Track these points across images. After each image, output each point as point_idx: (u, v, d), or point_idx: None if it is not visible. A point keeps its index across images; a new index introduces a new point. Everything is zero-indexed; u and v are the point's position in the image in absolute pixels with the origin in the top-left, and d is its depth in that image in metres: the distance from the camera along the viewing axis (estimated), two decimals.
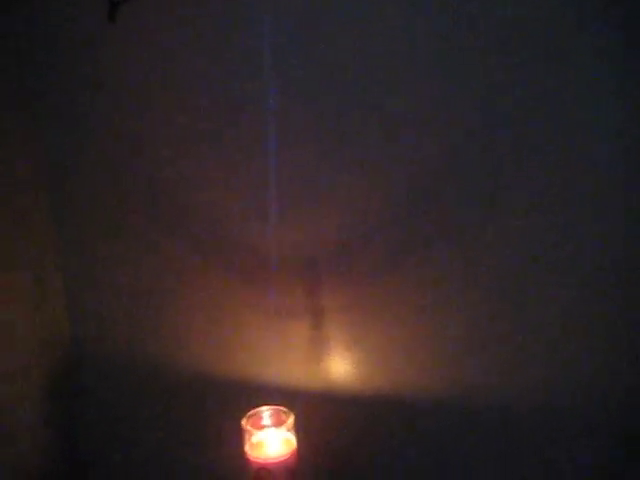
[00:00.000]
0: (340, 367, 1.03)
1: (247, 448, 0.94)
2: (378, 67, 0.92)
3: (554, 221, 0.90)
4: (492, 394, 0.97)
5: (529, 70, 0.86)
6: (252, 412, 0.97)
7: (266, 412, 0.97)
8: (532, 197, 0.90)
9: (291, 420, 0.95)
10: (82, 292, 1.16)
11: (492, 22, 0.86)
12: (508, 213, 0.91)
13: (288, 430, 0.95)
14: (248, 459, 0.94)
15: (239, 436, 0.95)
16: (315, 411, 1.03)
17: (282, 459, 0.93)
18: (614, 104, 0.85)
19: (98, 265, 1.14)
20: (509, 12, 0.85)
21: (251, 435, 0.95)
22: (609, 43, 0.83)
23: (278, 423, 0.96)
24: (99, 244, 1.13)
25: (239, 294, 1.06)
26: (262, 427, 0.96)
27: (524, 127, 0.88)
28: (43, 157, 1.11)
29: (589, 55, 0.84)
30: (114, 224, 1.11)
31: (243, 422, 0.95)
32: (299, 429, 0.95)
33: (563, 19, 0.84)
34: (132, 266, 1.12)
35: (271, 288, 1.03)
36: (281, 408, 0.97)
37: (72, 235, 1.14)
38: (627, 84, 0.84)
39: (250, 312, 1.06)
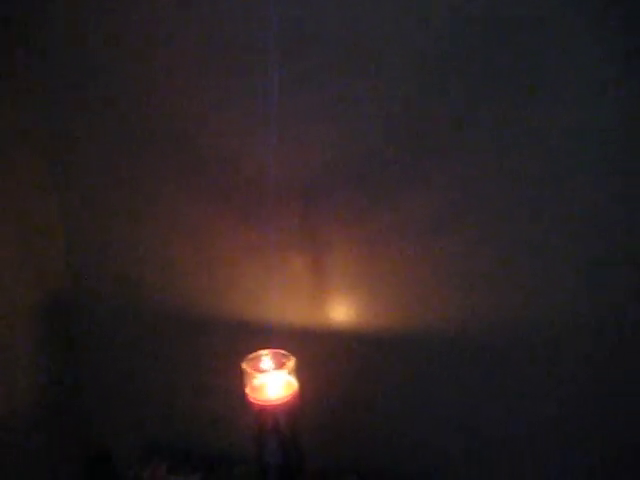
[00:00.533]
0: (341, 305, 1.04)
1: (248, 390, 0.96)
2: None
3: (552, 158, 0.88)
4: (490, 328, 0.98)
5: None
6: (252, 355, 0.97)
7: (266, 356, 0.98)
8: (528, 137, 0.89)
9: (292, 363, 0.96)
10: (78, 230, 1.16)
11: None
12: (507, 146, 0.90)
13: (289, 373, 0.96)
14: (250, 401, 0.95)
15: (241, 378, 0.96)
16: (316, 351, 1.04)
17: (283, 401, 0.94)
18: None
19: (96, 204, 1.13)
20: None
21: (252, 378, 0.96)
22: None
23: (279, 366, 0.97)
24: (96, 183, 1.12)
25: (239, 235, 1.05)
26: (263, 370, 0.97)
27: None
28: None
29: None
30: (110, 161, 1.10)
31: (244, 365, 0.96)
32: (301, 370, 0.96)
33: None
34: (126, 205, 1.11)
35: (271, 226, 1.02)
36: (281, 351, 0.98)
37: (70, 174, 1.13)
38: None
39: (250, 252, 1.05)
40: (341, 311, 1.04)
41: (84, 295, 1.20)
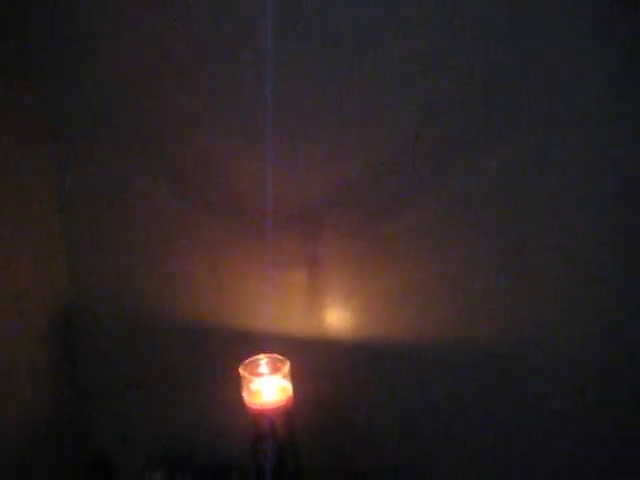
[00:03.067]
0: (336, 315, 1.05)
1: (245, 395, 0.97)
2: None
3: (551, 156, 0.90)
4: (484, 337, 0.98)
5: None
6: (249, 360, 0.99)
7: (263, 360, 0.99)
8: (527, 134, 0.90)
9: (287, 367, 0.97)
10: (81, 242, 1.18)
11: None
12: (503, 155, 0.91)
13: (284, 377, 0.97)
14: (246, 405, 0.96)
15: (237, 383, 0.97)
16: (311, 358, 1.05)
17: (279, 405, 0.95)
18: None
19: (95, 216, 1.16)
20: None
21: (248, 382, 0.97)
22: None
23: (274, 370, 0.98)
24: (97, 196, 1.14)
25: (237, 244, 1.07)
26: (259, 374, 0.98)
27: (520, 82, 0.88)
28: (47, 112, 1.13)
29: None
30: (112, 179, 1.12)
31: (240, 369, 0.97)
32: (295, 376, 0.97)
33: None
34: (128, 217, 1.13)
35: (268, 238, 1.04)
36: (277, 356, 0.99)
37: (72, 193, 1.16)
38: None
39: (248, 262, 1.07)
40: (336, 319, 1.06)
41: (86, 304, 1.21)
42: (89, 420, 1.26)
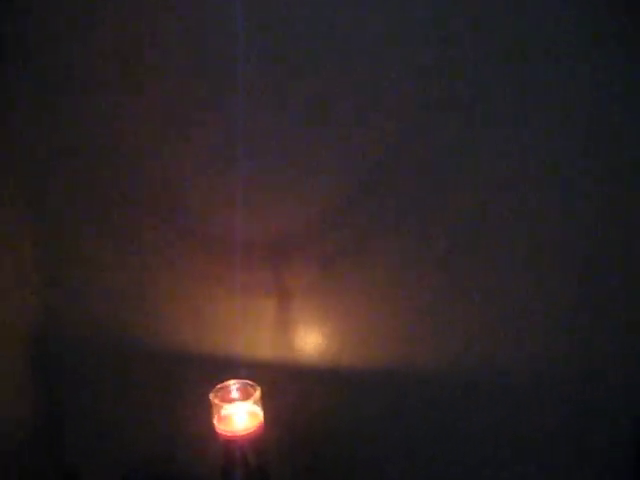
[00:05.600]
0: (306, 341, 1.05)
1: (215, 421, 0.96)
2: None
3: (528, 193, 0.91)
4: (452, 367, 0.99)
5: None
6: (220, 386, 0.98)
7: (233, 386, 0.99)
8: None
9: (258, 393, 0.97)
10: (55, 267, 1.18)
11: None
12: (472, 191, 0.92)
13: (255, 403, 0.97)
14: (216, 432, 0.96)
15: (207, 410, 0.96)
16: (282, 385, 1.05)
17: (249, 432, 0.95)
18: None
19: (70, 241, 1.15)
20: None
21: (219, 409, 0.97)
22: None
23: (245, 396, 0.98)
24: (73, 220, 1.14)
25: (209, 273, 1.07)
26: (230, 401, 0.98)
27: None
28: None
29: None
30: (87, 205, 1.12)
31: (211, 396, 0.97)
32: (266, 402, 0.97)
33: None
34: (102, 242, 1.13)
35: (239, 266, 1.04)
36: (248, 382, 0.99)
37: (47, 214, 1.15)
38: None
39: (219, 290, 1.07)
40: (306, 346, 1.06)
41: (60, 325, 1.20)
42: (61, 437, 1.25)
